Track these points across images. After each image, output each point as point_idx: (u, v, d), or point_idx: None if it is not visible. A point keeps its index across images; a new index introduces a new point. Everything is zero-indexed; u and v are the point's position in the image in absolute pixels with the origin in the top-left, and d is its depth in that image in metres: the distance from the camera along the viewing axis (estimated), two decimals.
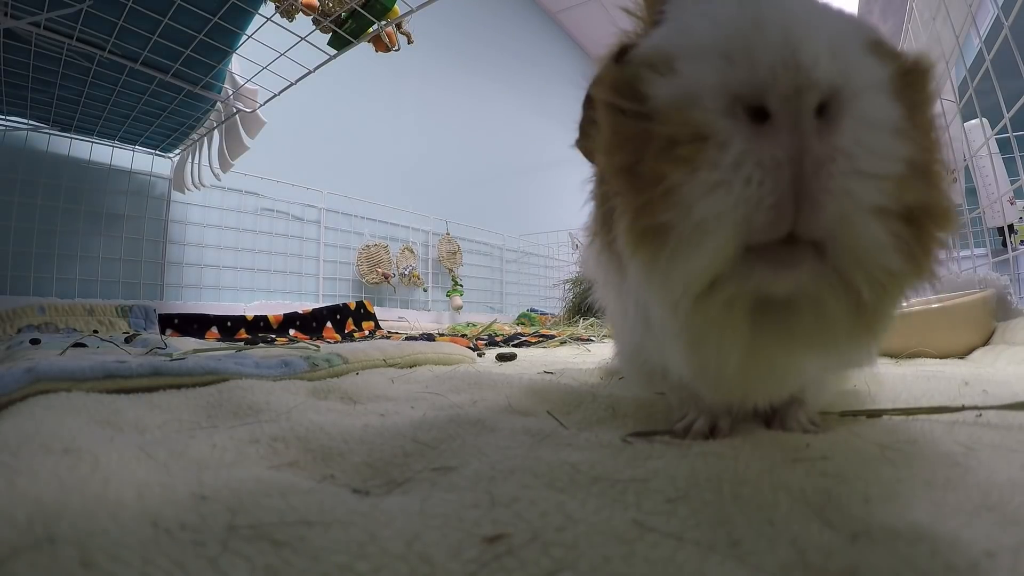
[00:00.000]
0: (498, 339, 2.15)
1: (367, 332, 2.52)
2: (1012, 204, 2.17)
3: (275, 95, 1.78)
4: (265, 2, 1.39)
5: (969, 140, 1.68)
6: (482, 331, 2.56)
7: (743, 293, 0.29)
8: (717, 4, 0.29)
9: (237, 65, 1.72)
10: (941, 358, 1.15)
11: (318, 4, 1.39)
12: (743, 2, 0.28)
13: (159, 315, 2.00)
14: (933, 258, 0.31)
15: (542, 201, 4.78)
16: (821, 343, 0.31)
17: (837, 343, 0.31)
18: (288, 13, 1.41)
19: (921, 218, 0.29)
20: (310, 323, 2.39)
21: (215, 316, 2.14)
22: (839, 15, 0.31)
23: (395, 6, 1.43)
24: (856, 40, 0.29)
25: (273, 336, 2.03)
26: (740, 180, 0.27)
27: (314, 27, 1.45)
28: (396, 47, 1.54)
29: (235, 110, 1.80)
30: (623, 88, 0.32)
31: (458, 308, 3.54)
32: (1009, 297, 1.32)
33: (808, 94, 0.26)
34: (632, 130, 0.31)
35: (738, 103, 0.27)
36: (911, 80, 0.31)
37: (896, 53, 0.32)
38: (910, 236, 0.28)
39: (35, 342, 1.08)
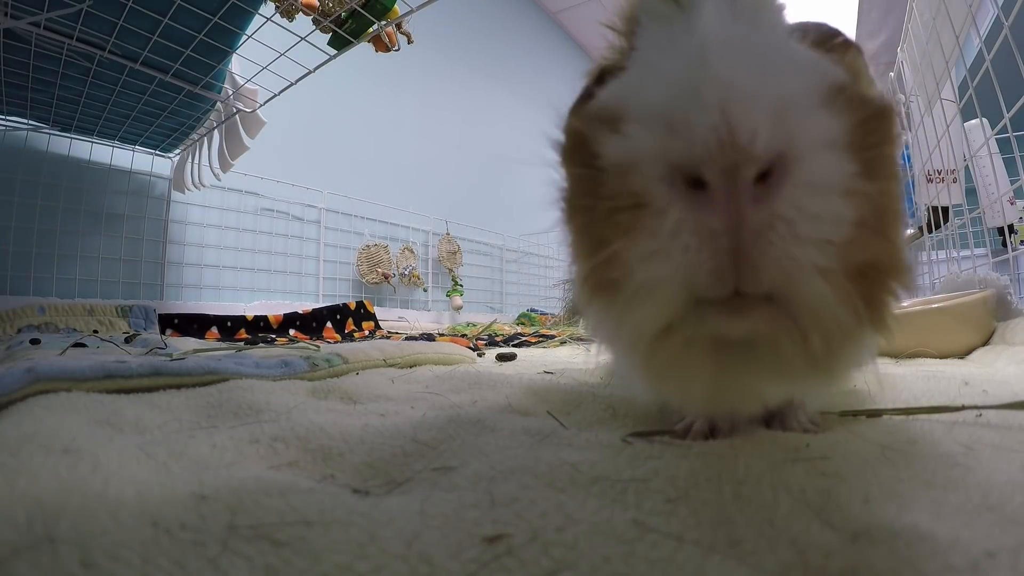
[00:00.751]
0: (498, 339, 2.15)
1: (367, 332, 2.52)
2: (1012, 204, 2.17)
3: (275, 95, 1.78)
4: (265, 2, 1.39)
5: (969, 140, 1.68)
6: (482, 331, 2.56)
7: (699, 336, 0.29)
8: (670, 56, 0.28)
9: (237, 65, 1.72)
10: (941, 358, 1.15)
11: (318, 4, 1.39)
12: (692, 60, 0.27)
13: (159, 315, 2.00)
14: (886, 312, 0.31)
15: (543, 201, 4.78)
16: (784, 378, 0.32)
17: (799, 379, 0.32)
18: (288, 13, 1.41)
19: (872, 274, 0.29)
20: (310, 323, 2.39)
21: (215, 316, 2.14)
22: (799, 63, 0.29)
23: (395, 6, 1.43)
24: (809, 94, 0.28)
25: (273, 336, 2.03)
26: (677, 249, 0.27)
27: (314, 27, 1.45)
28: (396, 47, 1.54)
29: (235, 110, 1.80)
30: (578, 143, 0.32)
31: (458, 308, 3.54)
32: (1009, 297, 1.32)
33: (744, 167, 0.25)
34: (586, 187, 0.31)
35: (676, 172, 0.27)
36: (873, 126, 0.30)
37: (861, 96, 0.30)
38: (859, 292, 0.28)
39: (35, 342, 1.08)
